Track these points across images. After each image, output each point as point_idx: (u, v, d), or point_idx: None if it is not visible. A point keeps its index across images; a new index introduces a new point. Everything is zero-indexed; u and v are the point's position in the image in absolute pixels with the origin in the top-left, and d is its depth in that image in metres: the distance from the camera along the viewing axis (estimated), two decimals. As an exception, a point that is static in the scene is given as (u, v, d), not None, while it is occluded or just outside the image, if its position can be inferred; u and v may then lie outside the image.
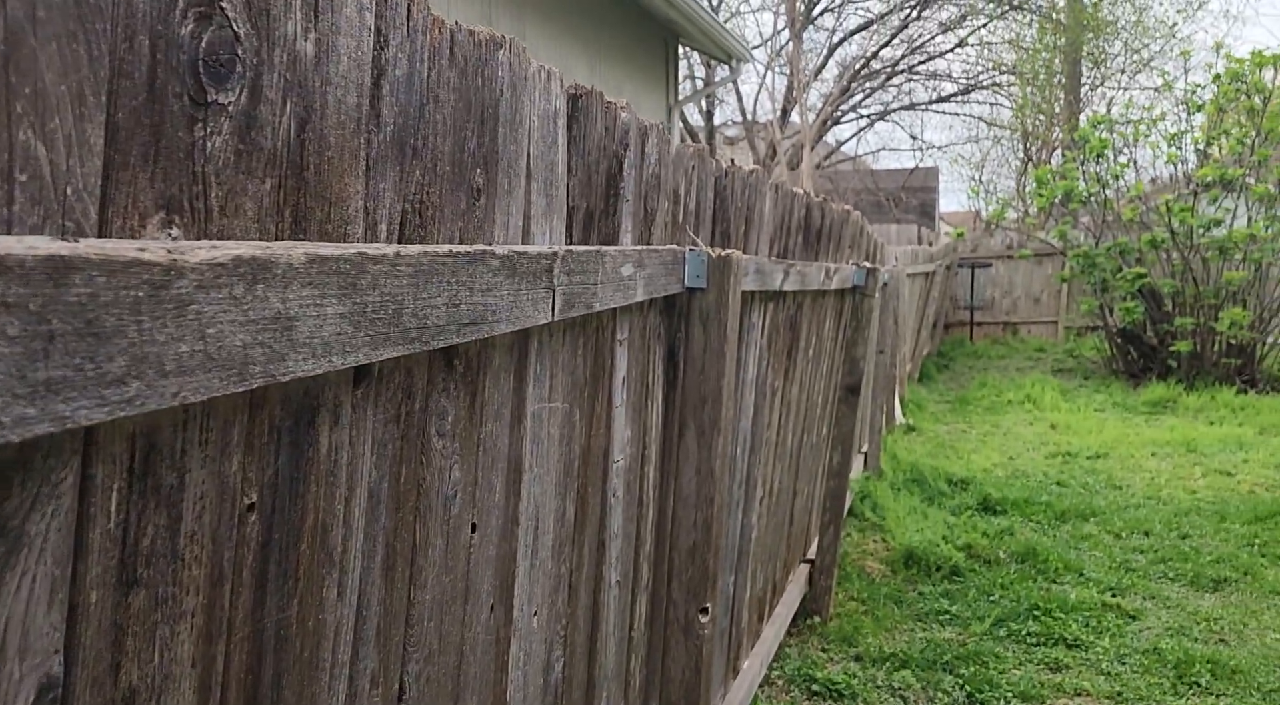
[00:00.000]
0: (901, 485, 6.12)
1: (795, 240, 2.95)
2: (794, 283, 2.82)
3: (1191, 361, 10.64)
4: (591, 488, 1.51)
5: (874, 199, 17.28)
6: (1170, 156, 10.42)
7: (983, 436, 8.69)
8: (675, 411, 1.94)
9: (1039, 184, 11.50)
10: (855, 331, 3.90)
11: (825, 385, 3.86)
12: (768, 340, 2.79)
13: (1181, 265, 10.60)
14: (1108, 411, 9.93)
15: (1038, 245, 13.94)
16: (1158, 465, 7.21)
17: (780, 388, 3.05)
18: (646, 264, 1.56)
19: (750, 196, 2.42)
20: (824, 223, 3.31)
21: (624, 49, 7.69)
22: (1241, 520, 5.32)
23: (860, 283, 3.87)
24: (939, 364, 13.08)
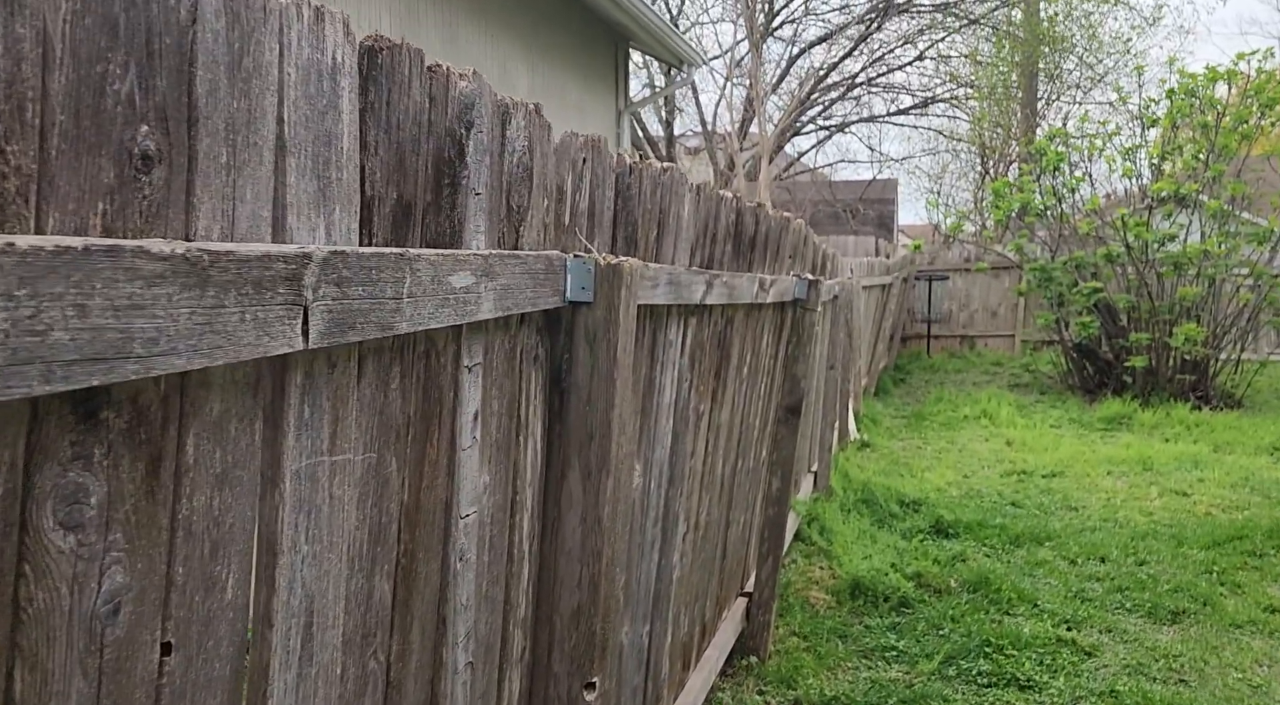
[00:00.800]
0: (852, 506, 5.87)
1: (723, 249, 2.67)
2: (720, 296, 2.54)
3: (1147, 377, 10.58)
4: (423, 553, 1.20)
5: (832, 210, 17.18)
6: (1126, 170, 10.37)
7: (938, 453, 8.51)
8: (559, 449, 1.64)
9: (996, 197, 11.41)
10: (796, 348, 3.63)
11: (764, 406, 3.58)
12: (690, 359, 2.50)
13: (1137, 280, 10.55)
14: (1064, 428, 9.81)
15: (995, 259, 13.89)
16: (1114, 484, 7.05)
17: (707, 411, 2.77)
18: (499, 273, 1.26)
19: (664, 198, 2.13)
20: (758, 230, 3.04)
21: (569, 51, 7.40)
22: (1199, 545, 5.13)
23: (802, 296, 3.61)
24: (895, 377, 12.94)
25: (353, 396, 0.99)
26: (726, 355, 2.89)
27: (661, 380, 2.29)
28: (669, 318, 2.28)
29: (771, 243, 3.25)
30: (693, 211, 2.35)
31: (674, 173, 2.19)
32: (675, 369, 2.38)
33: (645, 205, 2.02)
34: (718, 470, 3.00)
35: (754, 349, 3.25)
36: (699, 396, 2.64)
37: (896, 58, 19.45)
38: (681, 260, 2.30)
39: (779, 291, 3.28)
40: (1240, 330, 10.69)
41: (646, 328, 2.12)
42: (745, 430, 3.33)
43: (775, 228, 3.28)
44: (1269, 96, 9.83)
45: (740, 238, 2.84)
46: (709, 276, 2.40)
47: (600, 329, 1.60)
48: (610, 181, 1.83)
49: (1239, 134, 9.89)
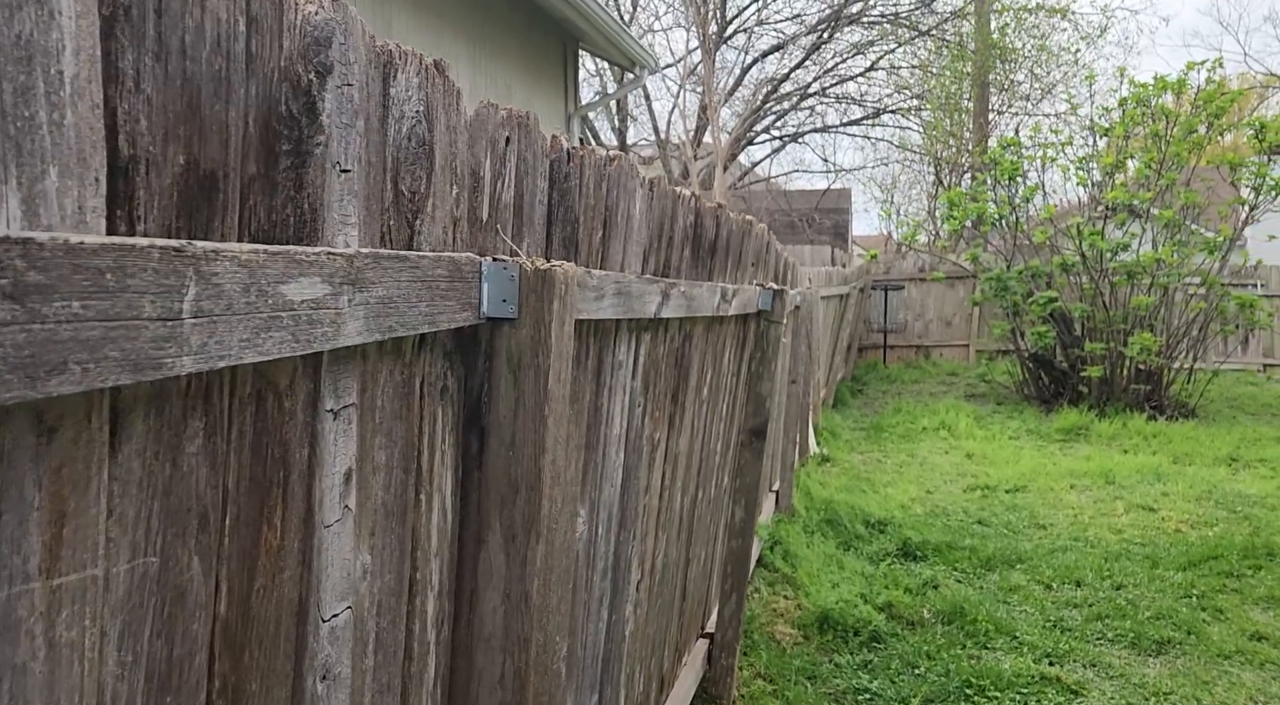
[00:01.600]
0: (815, 527, 5.57)
1: (680, 255, 2.33)
2: (678, 308, 2.20)
3: (1102, 387, 10.51)
4: (259, 683, 0.84)
5: (787, 219, 17.02)
6: (1080, 179, 10.32)
7: (899, 467, 8.28)
8: (475, 506, 1.28)
9: (951, 206, 11.30)
10: (760, 365, 3.31)
11: (725, 428, 3.25)
12: (643, 382, 2.16)
13: (1092, 289, 10.49)
14: (1022, 439, 9.67)
15: (950, 268, 13.81)
16: (1079, 499, 6.87)
17: (664, 440, 2.42)
18: (375, 280, 0.90)
19: (611, 193, 1.79)
20: (720, 234, 2.71)
21: (515, 49, 7.05)
22: (1174, 566, 4.92)
23: (766, 307, 3.29)
24: (853, 388, 12.76)
25: (101, 475, 0.63)
26: (685, 375, 2.55)
27: (610, 408, 1.94)
28: (618, 334, 1.93)
29: (734, 249, 2.92)
30: (646, 210, 2.01)
31: (623, 163, 1.86)
32: (626, 394, 2.04)
33: (588, 200, 1.68)
34: (676, 505, 2.66)
35: (715, 367, 2.92)
36: (654, 424, 2.30)
37: (849, 68, 19.43)
38: (633, 267, 1.96)
39: (742, 303, 2.96)
40: (1192, 340, 10.69)
41: (591, 347, 1.78)
42: (706, 457, 2.99)
43: (737, 232, 2.96)
44: (1217, 106, 9.84)
45: (700, 242, 2.51)
46: (665, 286, 2.07)
47: (527, 352, 1.25)
48: (543, 169, 1.49)
49: (1189, 142, 9.89)
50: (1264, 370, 14.05)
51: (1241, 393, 12.24)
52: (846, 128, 20.31)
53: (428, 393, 1.17)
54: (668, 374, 2.37)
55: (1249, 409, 11.30)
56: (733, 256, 2.93)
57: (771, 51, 19.86)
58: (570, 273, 1.31)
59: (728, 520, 3.40)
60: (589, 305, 1.59)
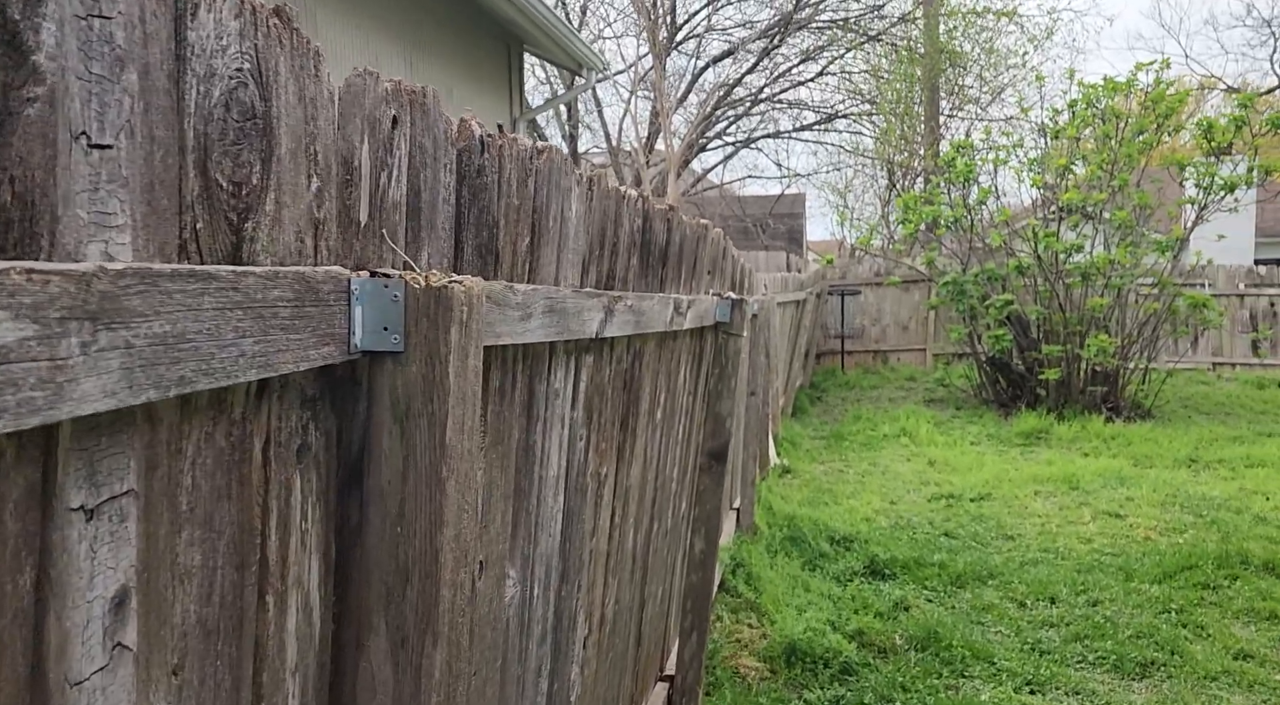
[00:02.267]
0: (779, 546, 5.32)
1: (627, 263, 2.05)
2: (624, 324, 1.91)
3: (1060, 389, 10.47)
4: None
5: (741, 225, 16.86)
6: (1035, 180, 10.27)
7: (861, 476, 8.09)
8: (354, 600, 0.98)
9: (905, 209, 11.20)
10: (719, 381, 3.03)
11: (683, 453, 2.97)
12: (586, 411, 1.87)
13: (1047, 292, 10.44)
14: (983, 444, 9.56)
15: (905, 272, 13.74)
16: (1045, 507, 6.72)
17: (612, 473, 2.13)
18: (142, 314, 0.60)
19: (541, 191, 1.50)
20: (672, 240, 2.44)
21: (456, 51, 6.72)
22: (1149, 578, 4.76)
23: (724, 318, 3.02)
24: (812, 396, 12.60)
25: None
26: (636, 399, 2.27)
27: (546, 445, 1.65)
28: (554, 359, 1.64)
29: (687, 255, 2.65)
30: (584, 212, 1.72)
31: (555, 156, 1.57)
32: (565, 427, 1.75)
33: (510, 200, 1.38)
34: (629, 544, 2.37)
35: (669, 387, 2.63)
36: (600, 457, 2.01)
37: (800, 73, 19.38)
38: (569, 279, 1.67)
39: (698, 315, 2.68)
40: (1146, 340, 10.70)
41: (519, 376, 1.48)
42: (661, 485, 2.71)
43: (691, 237, 2.68)
44: (1166, 106, 9.86)
45: (649, 249, 2.23)
46: (609, 300, 1.78)
47: (417, 396, 0.95)
48: (447, 160, 1.19)
49: (1140, 143, 9.89)
50: (1214, 369, 14.20)
51: (1194, 392, 12.32)
52: (799, 133, 20.26)
53: (275, 457, 0.86)
54: (615, 399, 2.08)
55: (1203, 408, 11.36)
56: (686, 264, 2.65)
57: (723, 57, 19.73)
58: (475, 290, 1.02)
59: (686, 552, 3.11)
60: (512, 327, 1.30)
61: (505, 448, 1.45)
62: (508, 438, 1.46)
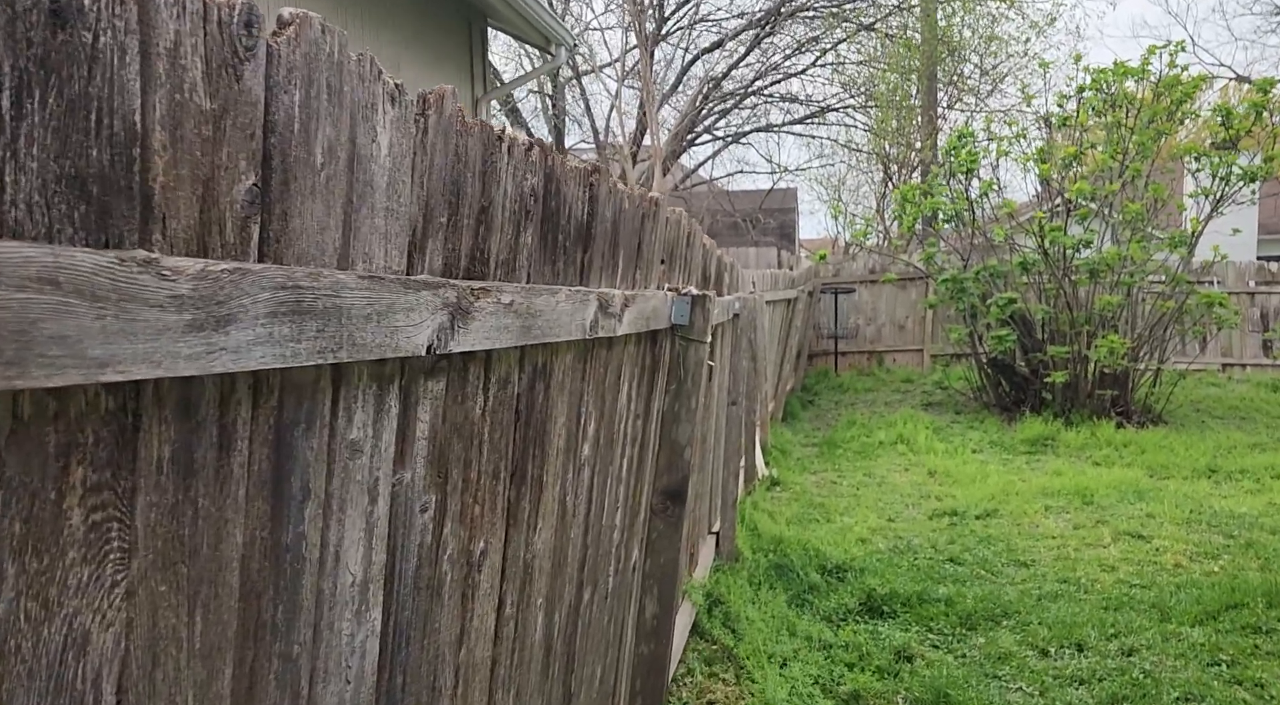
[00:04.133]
0: (763, 577, 4.68)
1: (512, 241, 1.40)
2: (498, 332, 1.26)
3: (1066, 393, 9.84)
4: None
5: (730, 221, 16.21)
6: (1043, 171, 9.63)
7: (855, 489, 7.46)
8: None
9: (904, 202, 10.55)
10: (676, 400, 2.38)
11: (630, 490, 2.32)
12: (436, 465, 1.22)
13: (1054, 289, 9.81)
14: (986, 453, 8.94)
15: (902, 269, 13.11)
16: (1058, 526, 6.09)
17: (499, 545, 1.48)
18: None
19: (291, 93, 0.84)
20: (598, 213, 1.78)
21: (408, 23, 6.06)
22: (1188, 618, 4.12)
23: (682, 321, 2.36)
24: (804, 400, 11.96)
25: None
26: (541, 435, 1.61)
27: (334, 535, 1.00)
28: (344, 391, 0.98)
29: (626, 236, 1.99)
30: (408, 150, 1.07)
31: (325, 41, 0.91)
32: (387, 498, 1.09)
33: (191, 97, 0.73)
34: (534, 635, 1.71)
35: (603, 412, 1.98)
36: (470, 528, 1.36)
37: (792, 64, 18.74)
38: (374, 256, 1.01)
39: (641, 316, 2.03)
40: (1157, 341, 10.09)
41: (236, 429, 0.83)
42: (596, 539, 2.05)
43: (632, 212, 2.02)
44: (1182, 92, 9.24)
45: (556, 223, 1.57)
46: (457, 294, 1.13)
47: None
48: None
49: (1153, 130, 9.26)
50: (1224, 370, 13.60)
51: (1205, 395, 11.71)
52: (791, 127, 19.60)
53: None
54: (498, 440, 1.43)
55: (1215, 412, 10.75)
56: (625, 249, 2.00)
57: (712, 48, 19.08)
58: None
59: (637, 617, 2.46)
60: (157, 345, 0.64)
61: (201, 562, 0.79)
62: (211, 542, 0.80)
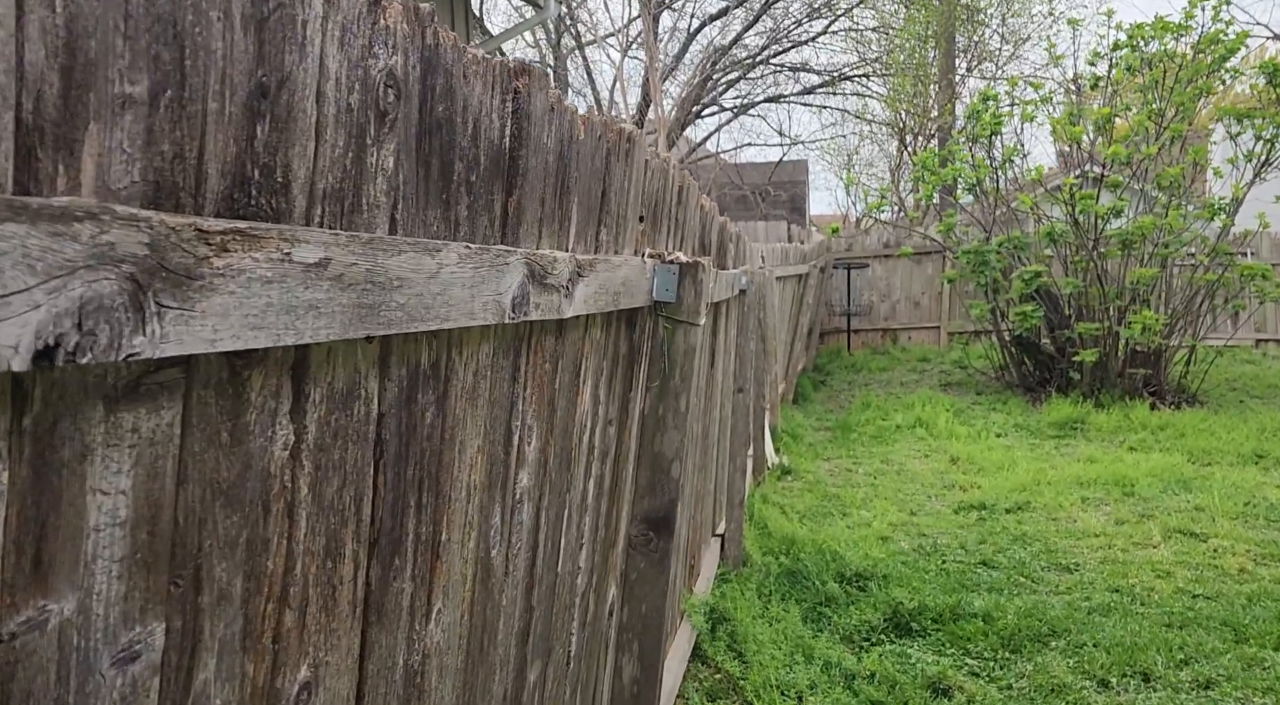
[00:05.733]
0: (774, 586, 4.14)
1: (351, 159, 0.84)
2: (282, 314, 0.70)
3: (1095, 372, 9.24)
4: None
5: (739, 194, 15.56)
6: (1073, 133, 8.97)
7: (873, 478, 6.91)
8: None
9: (922, 169, 9.91)
10: (660, 400, 1.82)
11: (595, 522, 1.77)
12: (160, 558, 0.66)
13: (1083, 262, 9.18)
14: (1011, 436, 8.37)
15: (918, 242, 12.47)
16: (1098, 520, 5.53)
17: (345, 668, 0.93)
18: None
19: None
20: (527, 139, 1.22)
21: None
22: (1271, 641, 3.56)
23: (668, 296, 1.80)
24: (816, 380, 11.39)
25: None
26: (432, 472, 1.06)
27: None
28: None
29: (581, 179, 1.42)
30: None
31: None
32: None
33: None
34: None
35: (551, 422, 1.42)
36: (274, 658, 0.80)
37: (804, 31, 17.98)
38: None
39: (605, 289, 1.47)
40: (1193, 316, 9.47)
41: None
42: (546, 596, 1.51)
43: (591, 148, 1.45)
44: (1227, 47, 8.55)
45: (449, 144, 1.00)
46: (140, 241, 0.56)
47: None
48: None
49: (1193, 90, 8.59)
50: (1258, 346, 12.96)
51: (1241, 373, 11.08)
52: (802, 97, 18.88)
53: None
54: (332, 496, 0.87)
55: (1254, 391, 10.13)
56: (580, 197, 1.43)
57: (718, 15, 18.34)
58: None
59: (612, 681, 1.91)
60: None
61: None
62: None
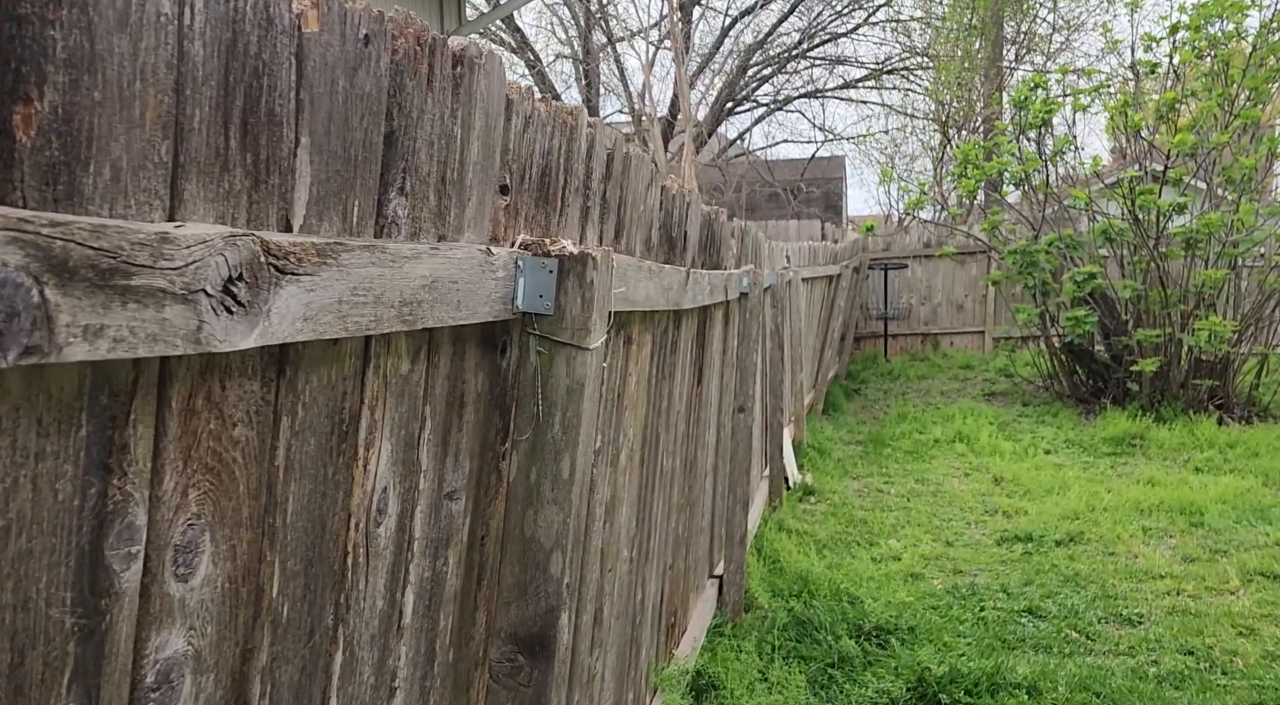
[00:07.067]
0: (778, 642, 3.53)
1: None
2: None
3: (1155, 383, 8.44)
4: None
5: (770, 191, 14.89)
6: (1134, 121, 8.18)
7: (906, 500, 6.24)
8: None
9: (965, 162, 9.18)
10: (532, 459, 1.22)
11: (422, 651, 1.18)
12: None
13: (1142, 263, 8.39)
14: (1061, 454, 7.62)
15: (961, 242, 11.70)
16: (1163, 557, 4.81)
17: None
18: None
19: None
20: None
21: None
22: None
23: (541, 307, 1.20)
24: (848, 388, 10.69)
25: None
26: None
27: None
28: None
29: (316, 107, 0.83)
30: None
31: None
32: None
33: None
34: None
35: (261, 516, 0.83)
36: None
37: (843, 22, 17.25)
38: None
39: (382, 297, 0.89)
40: (1265, 322, 8.62)
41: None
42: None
43: (343, 58, 0.86)
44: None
45: None
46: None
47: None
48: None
49: (1269, 71, 7.76)
50: (1333, 355, 11.93)
51: (1317, 384, 10.15)
52: (840, 91, 18.13)
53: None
54: None
55: (1332, 405, 9.23)
56: (310, 134, 0.84)
57: (751, 9, 17.68)
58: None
59: None
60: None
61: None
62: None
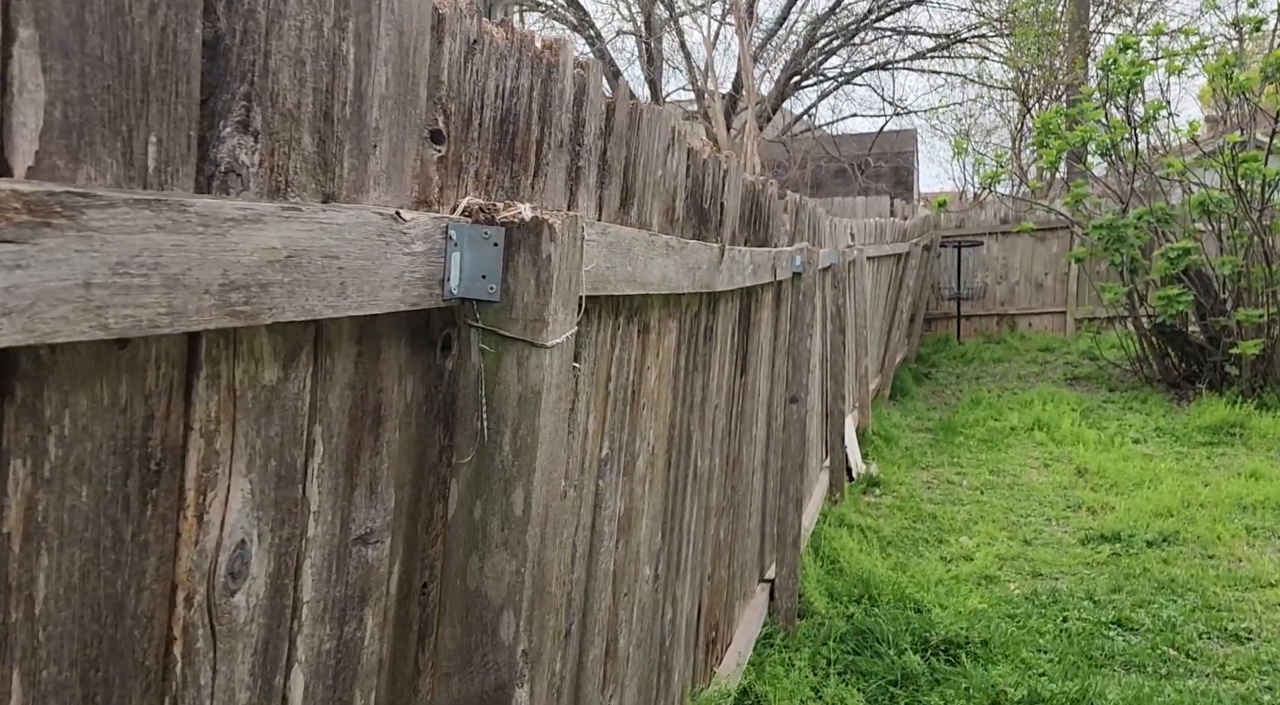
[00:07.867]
0: (834, 655, 3.22)
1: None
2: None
3: (1257, 367, 7.79)
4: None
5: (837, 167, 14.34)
6: (1239, 82, 7.50)
7: (979, 493, 5.83)
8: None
9: (1046, 132, 8.58)
10: (477, 493, 0.96)
11: None
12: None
13: (1245, 237, 7.72)
14: (1150, 443, 7.08)
15: (1041, 217, 11.04)
16: (1273, 562, 4.34)
17: None
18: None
19: None
20: None
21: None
22: None
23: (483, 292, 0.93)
24: (917, 372, 10.19)
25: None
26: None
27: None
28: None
29: None
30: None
31: None
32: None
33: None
34: None
35: None
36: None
37: (913, -10, 16.45)
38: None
39: (172, 277, 0.65)
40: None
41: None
42: None
43: None
44: None
45: None
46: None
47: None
48: None
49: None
50: None
51: None
52: (911, 62, 17.38)
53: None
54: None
55: None
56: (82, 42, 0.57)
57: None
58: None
59: None
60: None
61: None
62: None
